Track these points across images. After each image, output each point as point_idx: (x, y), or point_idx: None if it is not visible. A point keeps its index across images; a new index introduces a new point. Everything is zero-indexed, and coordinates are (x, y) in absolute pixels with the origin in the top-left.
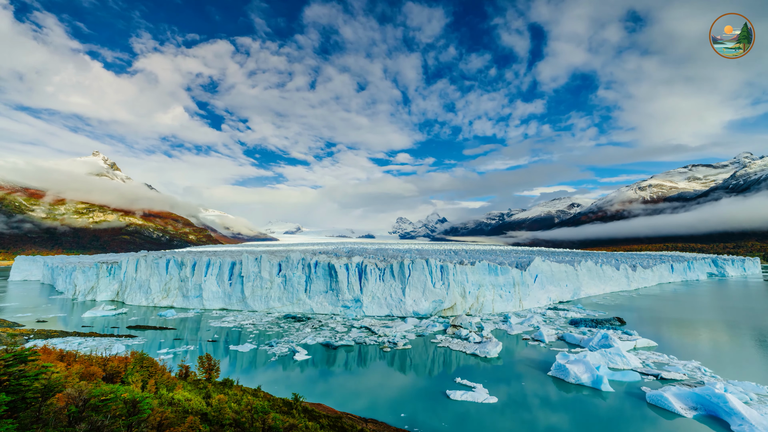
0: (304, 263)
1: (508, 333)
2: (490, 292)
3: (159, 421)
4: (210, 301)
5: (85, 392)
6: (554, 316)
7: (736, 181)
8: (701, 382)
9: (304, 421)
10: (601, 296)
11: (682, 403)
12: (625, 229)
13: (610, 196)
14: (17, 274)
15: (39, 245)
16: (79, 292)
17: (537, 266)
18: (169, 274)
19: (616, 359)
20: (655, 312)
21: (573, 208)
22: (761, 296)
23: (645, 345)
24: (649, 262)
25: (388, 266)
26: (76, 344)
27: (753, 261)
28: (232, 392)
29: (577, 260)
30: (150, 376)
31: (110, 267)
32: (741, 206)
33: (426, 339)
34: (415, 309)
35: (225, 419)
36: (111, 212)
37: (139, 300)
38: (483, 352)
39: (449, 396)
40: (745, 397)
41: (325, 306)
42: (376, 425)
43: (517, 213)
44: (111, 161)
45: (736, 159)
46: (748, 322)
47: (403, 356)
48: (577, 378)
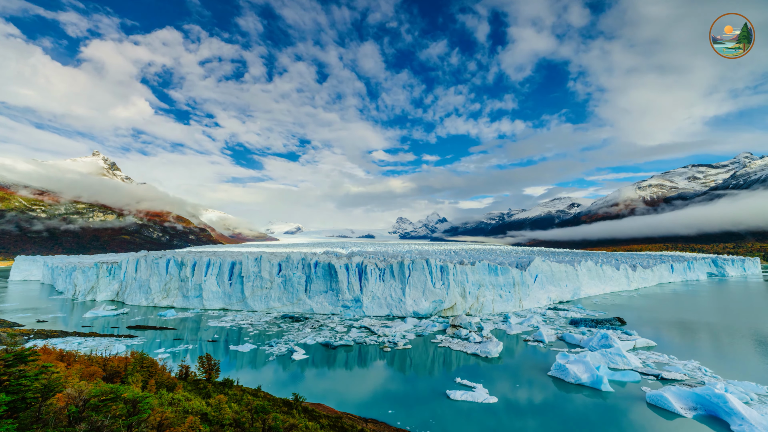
0: (304, 263)
1: (507, 333)
2: (490, 292)
3: (159, 421)
4: (210, 301)
5: (85, 392)
6: (554, 316)
7: (736, 181)
8: (701, 382)
9: (304, 421)
10: (601, 296)
11: (682, 403)
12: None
13: (610, 196)
14: (17, 274)
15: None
16: (79, 292)
17: (537, 266)
18: (169, 274)
19: (617, 359)
20: (655, 312)
21: (573, 208)
22: (761, 296)
23: (644, 345)
24: (649, 262)
25: (388, 266)
26: (76, 344)
27: (753, 261)
28: (232, 392)
29: (577, 260)
30: (150, 376)
31: (110, 267)
32: (741, 206)
33: (426, 339)
34: (415, 309)
35: (225, 419)
36: (111, 212)
37: (139, 300)
38: (484, 351)
39: (449, 396)
40: (745, 397)
41: (325, 306)
42: (376, 425)
43: (517, 213)
44: (111, 161)
45: (736, 159)
46: (748, 323)
47: (403, 356)
48: (577, 378)
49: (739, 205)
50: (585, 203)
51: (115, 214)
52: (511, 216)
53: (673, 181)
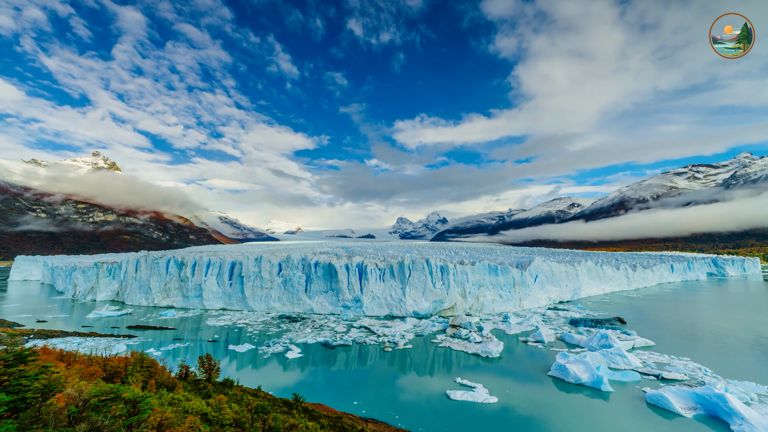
0: (304, 263)
1: (507, 333)
2: (490, 292)
3: (159, 421)
4: (210, 301)
5: (85, 392)
6: (554, 316)
7: (736, 181)
8: (702, 382)
9: (304, 421)
10: (601, 296)
11: (681, 403)
12: (625, 229)
13: (610, 197)
14: (17, 274)
15: (39, 245)
16: (79, 292)
17: (537, 266)
18: (169, 274)
19: (617, 359)
20: (656, 312)
21: (573, 208)
22: (761, 296)
23: (643, 344)
24: (649, 262)
25: (388, 266)
26: (76, 344)
27: (753, 261)
28: (232, 392)
29: (577, 260)
30: (150, 376)
31: (110, 267)
32: (741, 206)
33: (426, 339)
34: (416, 309)
35: (225, 419)
36: (111, 212)
37: (139, 300)
38: (485, 351)
39: (450, 396)
40: (745, 397)
41: (325, 306)
42: (376, 425)
43: (517, 213)
44: (111, 161)
45: (737, 159)
46: (748, 322)
47: (403, 356)
48: (577, 378)
49: (739, 205)
50: (585, 203)
51: (115, 214)
52: (512, 216)
53: (673, 181)
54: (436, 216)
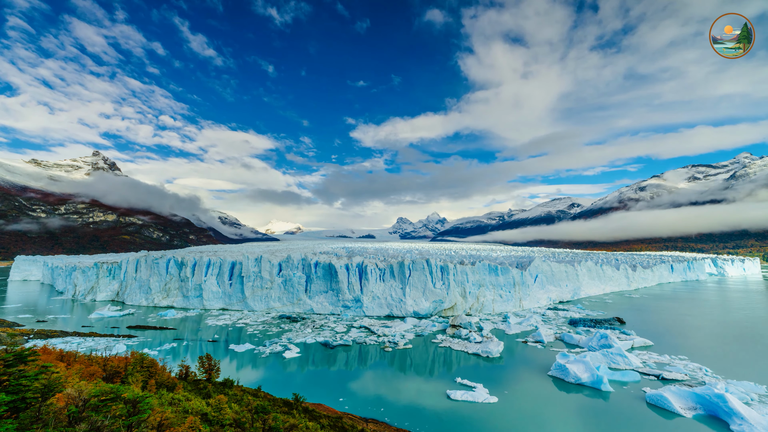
0: (304, 263)
1: (507, 333)
2: (490, 292)
3: (159, 421)
4: (210, 301)
5: (85, 392)
6: (554, 316)
7: (736, 181)
8: (702, 382)
9: (304, 421)
10: (601, 296)
11: (681, 403)
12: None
13: (610, 197)
14: (17, 274)
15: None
16: (79, 293)
17: (537, 266)
18: (169, 274)
19: (618, 359)
20: (655, 312)
21: (573, 208)
22: (761, 296)
23: (641, 344)
24: (649, 262)
25: (388, 266)
26: (76, 344)
27: (753, 261)
28: (232, 392)
29: (577, 260)
30: (150, 376)
31: (110, 267)
32: (741, 206)
33: (426, 339)
34: (416, 309)
35: (225, 419)
36: (111, 212)
37: (139, 300)
38: (485, 351)
39: (450, 396)
40: (745, 397)
41: (325, 306)
42: (377, 425)
43: (517, 213)
44: (111, 161)
45: (736, 159)
46: (748, 322)
47: (403, 356)
48: (577, 378)
49: (739, 206)
50: (585, 203)
51: (115, 214)
52: (512, 216)
53: (673, 182)
54: (436, 216)
